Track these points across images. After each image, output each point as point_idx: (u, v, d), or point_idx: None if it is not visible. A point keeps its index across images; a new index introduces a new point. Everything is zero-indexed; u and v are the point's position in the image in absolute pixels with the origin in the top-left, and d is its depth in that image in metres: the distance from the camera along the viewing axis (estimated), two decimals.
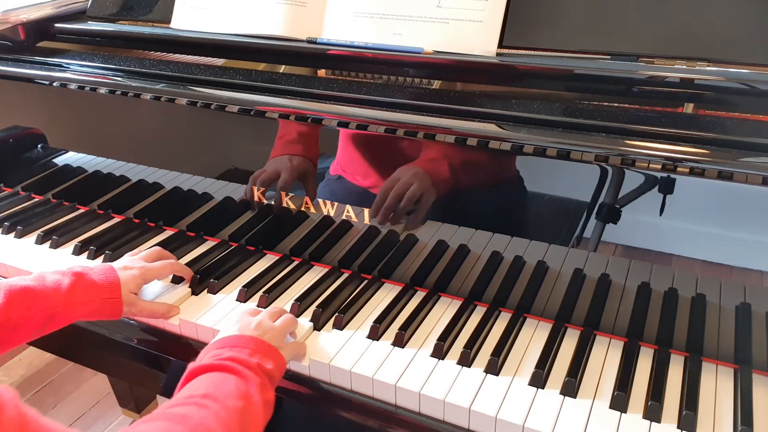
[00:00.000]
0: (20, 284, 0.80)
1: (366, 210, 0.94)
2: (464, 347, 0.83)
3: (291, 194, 1.00)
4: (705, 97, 0.82)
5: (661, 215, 0.76)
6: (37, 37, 1.25)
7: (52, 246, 1.11)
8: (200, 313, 0.93)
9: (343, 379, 0.82)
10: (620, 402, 0.74)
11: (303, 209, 1.00)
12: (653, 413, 0.73)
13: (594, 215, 0.80)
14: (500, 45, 0.91)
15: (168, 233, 1.15)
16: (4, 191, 1.31)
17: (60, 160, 1.23)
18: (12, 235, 1.15)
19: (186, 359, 0.80)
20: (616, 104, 0.84)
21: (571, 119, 0.81)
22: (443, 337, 0.85)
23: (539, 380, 0.78)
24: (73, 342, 1.04)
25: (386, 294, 0.97)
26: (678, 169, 0.73)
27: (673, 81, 0.82)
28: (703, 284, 0.78)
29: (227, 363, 0.71)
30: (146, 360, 0.96)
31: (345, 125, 0.91)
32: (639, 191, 0.77)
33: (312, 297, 0.95)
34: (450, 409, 0.76)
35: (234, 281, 1.01)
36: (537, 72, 0.90)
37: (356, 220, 0.96)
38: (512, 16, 0.92)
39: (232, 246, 1.10)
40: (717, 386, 0.78)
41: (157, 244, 1.05)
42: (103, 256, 1.07)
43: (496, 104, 0.87)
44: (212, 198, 1.09)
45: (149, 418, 0.63)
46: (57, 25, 1.25)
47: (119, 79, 1.07)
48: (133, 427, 0.62)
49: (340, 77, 1.01)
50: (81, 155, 1.20)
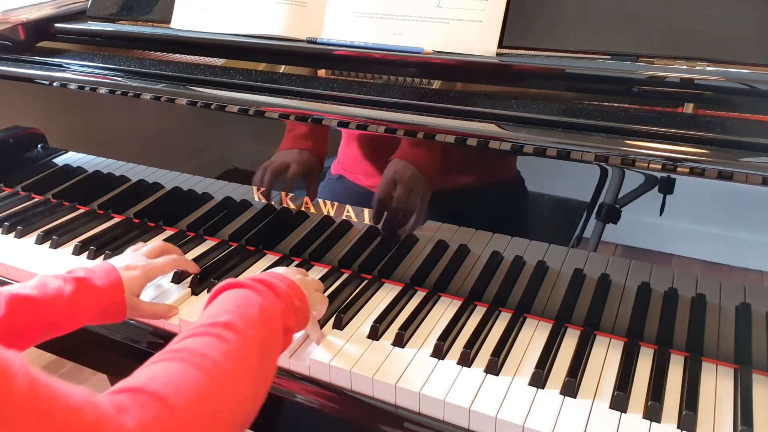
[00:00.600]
0: (22, 293, 0.78)
1: (366, 210, 0.94)
2: (464, 347, 0.83)
3: (291, 194, 1.00)
4: (705, 97, 0.82)
5: (661, 215, 0.76)
6: (37, 37, 1.25)
7: (52, 246, 1.11)
8: (200, 313, 0.92)
9: (343, 379, 0.82)
10: (620, 402, 0.74)
11: (303, 209, 1.00)
12: (653, 413, 0.73)
13: (594, 215, 0.80)
14: (500, 45, 0.91)
15: (168, 233, 1.15)
16: (4, 191, 1.31)
17: (60, 160, 1.23)
18: (12, 235, 1.15)
19: None
20: (616, 104, 0.84)
21: (571, 119, 0.81)
22: (443, 337, 0.85)
23: (539, 380, 0.78)
24: (73, 342, 1.03)
25: (386, 294, 0.97)
26: (678, 169, 0.73)
27: (673, 81, 0.82)
28: (703, 284, 0.78)
29: (255, 284, 0.73)
30: (146, 360, 0.96)
31: (345, 125, 0.91)
32: (639, 191, 0.77)
33: None
34: (450, 409, 0.76)
35: None
36: (537, 72, 0.90)
37: (356, 220, 0.96)
38: (512, 16, 0.92)
39: (232, 246, 1.10)
40: (717, 386, 0.78)
41: None
42: (103, 256, 1.07)
43: (496, 104, 0.87)
44: (212, 198, 1.09)
45: (167, 354, 0.62)
46: (57, 25, 1.25)
47: (119, 79, 1.07)
48: (157, 357, 0.63)
49: (340, 77, 1.01)
50: (81, 155, 1.20)
